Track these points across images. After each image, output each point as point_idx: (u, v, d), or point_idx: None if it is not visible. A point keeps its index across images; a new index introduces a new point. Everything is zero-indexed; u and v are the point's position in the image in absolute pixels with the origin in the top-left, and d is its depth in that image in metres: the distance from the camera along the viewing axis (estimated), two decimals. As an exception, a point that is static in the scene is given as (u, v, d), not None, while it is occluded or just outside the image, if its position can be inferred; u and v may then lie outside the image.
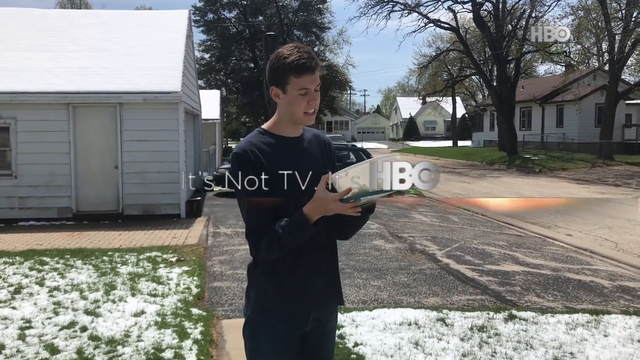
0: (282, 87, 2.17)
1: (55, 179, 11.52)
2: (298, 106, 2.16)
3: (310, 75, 2.14)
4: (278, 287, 2.22)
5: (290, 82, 2.14)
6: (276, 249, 2.10)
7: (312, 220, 2.05)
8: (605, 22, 26.94)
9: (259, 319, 2.25)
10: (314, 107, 2.19)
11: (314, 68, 2.14)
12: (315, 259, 2.25)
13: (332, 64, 50.87)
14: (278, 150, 2.19)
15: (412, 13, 33.78)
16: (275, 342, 2.23)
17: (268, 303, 2.23)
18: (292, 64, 2.12)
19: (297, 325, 2.26)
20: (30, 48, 12.83)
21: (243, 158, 2.14)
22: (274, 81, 2.18)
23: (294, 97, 2.16)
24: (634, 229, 11.37)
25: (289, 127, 2.25)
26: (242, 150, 2.16)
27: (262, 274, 2.23)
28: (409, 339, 4.84)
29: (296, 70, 2.12)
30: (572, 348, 4.70)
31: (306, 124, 2.25)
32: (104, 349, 4.65)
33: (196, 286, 6.52)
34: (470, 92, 61.69)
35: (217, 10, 48.67)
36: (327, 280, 2.32)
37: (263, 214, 2.12)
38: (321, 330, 2.36)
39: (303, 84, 2.14)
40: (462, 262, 7.98)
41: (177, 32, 13.98)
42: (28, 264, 7.54)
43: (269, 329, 2.23)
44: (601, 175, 23.17)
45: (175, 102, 11.70)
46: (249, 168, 2.12)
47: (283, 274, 2.21)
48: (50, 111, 11.46)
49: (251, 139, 2.21)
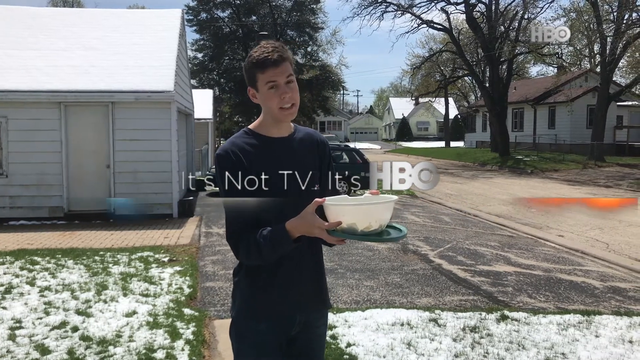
0: (254, 86, 2.17)
1: (46, 178, 11.45)
2: (271, 102, 2.13)
3: (275, 68, 2.10)
4: (260, 291, 2.19)
5: (258, 79, 2.13)
6: (255, 257, 2.08)
7: (293, 236, 2.01)
8: (597, 24, 27.10)
9: (242, 322, 2.23)
10: (289, 100, 2.13)
11: (277, 60, 2.09)
12: (299, 264, 2.21)
13: (326, 64, 50.84)
14: (262, 151, 2.16)
15: (406, 14, 33.88)
16: (259, 345, 2.21)
17: (251, 306, 2.21)
18: (254, 60, 2.12)
19: (282, 329, 2.24)
20: (21, 46, 12.74)
21: (224, 159, 2.12)
22: (248, 82, 2.18)
23: (266, 93, 2.13)
24: (625, 229, 11.43)
25: (274, 127, 2.21)
26: (224, 152, 2.14)
27: (246, 277, 2.22)
28: (402, 339, 4.84)
29: (258, 65, 2.11)
30: (563, 349, 4.71)
31: (285, 120, 2.19)
32: (95, 349, 4.62)
33: (188, 286, 6.49)
34: (462, 93, 61.88)
35: (210, 9, 48.56)
36: (311, 285, 2.28)
37: (244, 218, 2.11)
38: (310, 335, 2.32)
39: (269, 77, 2.10)
40: (455, 263, 8.00)
41: (170, 31, 13.93)
42: (19, 264, 7.49)
43: (252, 332, 2.21)
44: (592, 177, 23.30)
45: (168, 101, 11.66)
46: (230, 169, 2.10)
47: (265, 278, 2.18)
48: (41, 110, 11.40)
49: (235, 140, 2.18)
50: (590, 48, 32.18)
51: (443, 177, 25.03)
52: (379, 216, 1.94)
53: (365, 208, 1.94)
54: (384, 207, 1.96)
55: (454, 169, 30.12)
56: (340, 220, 1.91)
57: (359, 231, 1.92)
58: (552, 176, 24.64)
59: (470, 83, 57.86)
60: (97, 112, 11.66)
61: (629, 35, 26.45)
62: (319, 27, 49.83)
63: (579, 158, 29.31)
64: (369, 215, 1.91)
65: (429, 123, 78.35)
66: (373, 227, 1.93)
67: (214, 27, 48.49)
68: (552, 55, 33.57)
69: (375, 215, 1.92)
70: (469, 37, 36.49)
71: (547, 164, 28.28)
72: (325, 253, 2.42)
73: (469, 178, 24.40)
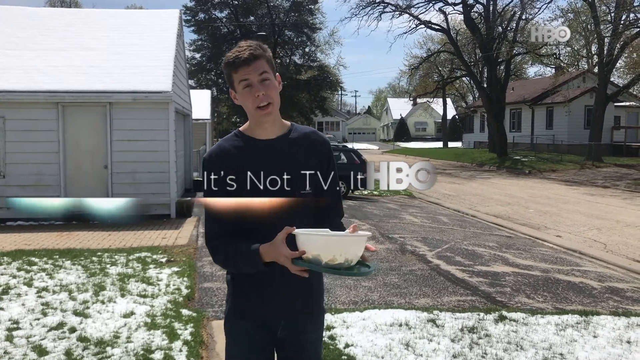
0: (233, 87, 2.14)
1: (44, 179, 11.43)
2: (247, 101, 2.10)
3: (247, 67, 2.06)
4: (245, 293, 2.22)
5: (233, 79, 2.11)
6: (230, 267, 2.16)
7: (264, 260, 2.01)
8: (595, 25, 27.13)
9: (232, 320, 2.27)
10: (263, 99, 2.08)
11: (248, 59, 2.06)
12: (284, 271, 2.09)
13: (324, 65, 50.88)
14: (246, 153, 2.13)
15: (403, 14, 33.90)
16: (246, 343, 2.24)
17: (239, 306, 2.24)
18: (227, 61, 2.10)
19: (267, 330, 2.24)
20: (18, 46, 12.72)
21: (208, 162, 2.13)
22: (228, 85, 2.17)
23: (242, 93, 2.11)
24: (622, 230, 11.45)
25: (259, 128, 2.16)
26: (208, 155, 2.15)
27: (233, 278, 2.26)
28: (400, 340, 4.83)
29: (230, 66, 2.09)
30: (561, 349, 4.71)
31: (263, 120, 2.13)
32: (93, 350, 4.61)
33: (186, 287, 6.48)
34: (460, 93, 61.93)
35: (208, 10, 48.54)
36: (297, 293, 2.22)
37: (223, 224, 2.11)
38: (299, 340, 2.29)
39: (241, 76, 2.08)
40: (453, 263, 8.00)
41: (168, 31, 13.92)
42: (16, 264, 7.47)
43: (240, 331, 2.25)
44: (590, 177, 23.33)
45: (166, 101, 11.64)
46: (213, 173, 2.10)
47: (250, 282, 2.19)
48: (39, 110, 11.38)
49: (223, 142, 2.19)
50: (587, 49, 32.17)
51: (441, 177, 25.04)
52: (345, 250, 1.89)
53: (331, 239, 1.91)
54: (352, 241, 1.92)
55: (451, 169, 30.14)
56: (304, 250, 1.89)
57: (323, 263, 1.88)
58: (550, 177, 24.67)
59: (468, 83, 57.91)
60: (95, 113, 11.64)
61: (627, 35, 26.49)
62: (317, 28, 49.86)
63: (576, 158, 29.35)
64: (334, 248, 1.88)
65: (427, 123, 78.40)
66: (338, 260, 1.89)
67: (212, 28, 48.49)
68: (549, 56, 33.65)
69: (341, 249, 1.89)
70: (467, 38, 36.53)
71: (545, 164, 28.32)
72: None
73: (466, 178, 24.41)
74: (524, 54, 35.20)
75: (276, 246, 1.96)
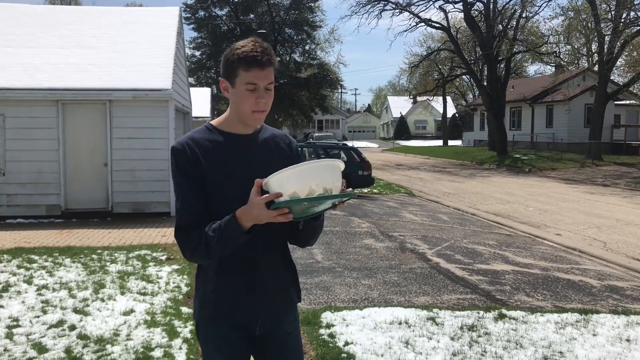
0: (231, 80, 2.03)
1: (44, 177, 11.43)
2: (246, 102, 2.02)
3: (260, 71, 1.99)
4: (218, 295, 2.10)
5: (238, 74, 2.00)
6: (202, 252, 1.97)
7: (244, 226, 1.90)
8: (595, 23, 27.11)
9: (204, 324, 2.17)
10: (263, 106, 2.03)
11: (264, 64, 1.99)
12: (257, 266, 2.10)
13: (324, 63, 50.86)
14: (222, 148, 2.07)
15: (404, 12, 33.87)
16: (222, 346, 2.14)
17: (210, 308, 2.12)
18: (241, 54, 1.98)
19: (244, 331, 2.17)
20: (17, 44, 12.71)
21: (179, 152, 2.03)
22: (224, 73, 2.05)
23: (242, 92, 2.01)
24: (622, 228, 11.45)
25: (240, 125, 2.11)
26: (179, 145, 2.04)
27: (204, 279, 2.13)
28: (400, 338, 4.84)
29: (245, 62, 1.98)
30: (561, 347, 4.72)
31: (253, 124, 2.11)
32: (92, 347, 4.62)
33: (186, 285, 6.49)
34: (460, 91, 61.92)
35: (208, 7, 48.51)
36: (273, 286, 2.16)
37: (194, 213, 2.01)
38: (280, 333, 2.23)
39: (251, 78, 1.99)
40: (452, 261, 8.00)
41: (168, 29, 13.91)
42: (16, 262, 7.48)
43: (215, 334, 2.15)
44: (590, 176, 23.33)
45: (166, 99, 11.64)
46: (183, 163, 2.02)
47: (221, 280, 2.09)
48: (39, 108, 11.37)
49: (193, 134, 2.09)
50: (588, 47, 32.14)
51: (441, 175, 25.05)
52: (321, 178, 1.81)
53: (302, 169, 1.80)
54: (324, 167, 1.83)
55: (451, 167, 30.14)
56: (280, 192, 1.80)
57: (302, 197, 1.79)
58: (550, 175, 24.67)
59: (468, 82, 57.90)
60: (95, 110, 11.64)
61: (627, 34, 26.47)
62: (317, 26, 49.83)
63: (576, 157, 29.35)
64: (308, 178, 1.79)
65: (427, 122, 78.39)
66: (316, 191, 1.80)
67: (212, 25, 48.46)
68: (549, 54, 33.61)
69: (316, 177, 1.80)
70: (467, 36, 36.52)
71: (545, 162, 28.32)
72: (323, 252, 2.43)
73: (466, 177, 24.41)
74: (524, 52, 35.17)
75: (251, 200, 1.87)
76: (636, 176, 22.46)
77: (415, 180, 22.29)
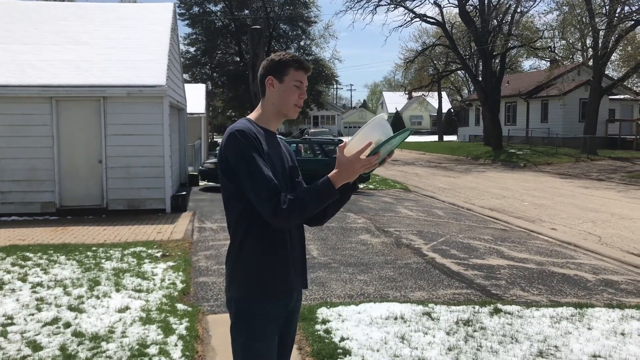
0: (279, 77, 2.35)
1: (38, 174, 11.38)
2: (292, 95, 2.35)
3: (306, 74, 2.38)
4: (264, 269, 2.27)
5: (289, 73, 2.34)
6: (297, 213, 2.15)
7: (336, 186, 2.18)
8: (590, 18, 27.15)
9: (251, 304, 2.29)
10: (301, 102, 2.39)
11: (309, 70, 2.39)
12: (292, 241, 2.35)
13: (319, 58, 50.75)
14: (267, 142, 2.31)
15: (398, 7, 33.88)
16: (268, 326, 2.29)
17: (258, 286, 2.28)
18: (294, 57, 2.37)
19: (285, 308, 2.35)
20: (11, 40, 12.64)
21: (248, 133, 2.22)
22: (272, 71, 2.36)
23: (290, 87, 2.34)
24: (617, 222, 11.49)
25: (273, 121, 2.41)
26: (245, 127, 2.25)
27: (252, 255, 2.27)
28: (395, 333, 4.84)
29: (297, 64, 2.35)
30: (556, 341, 4.73)
31: (291, 117, 2.41)
32: (87, 345, 4.60)
33: (181, 281, 6.47)
34: (455, 87, 61.95)
35: (202, 3, 48.29)
36: (301, 262, 2.43)
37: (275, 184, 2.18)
38: (295, 312, 2.47)
39: (300, 77, 2.36)
40: (448, 256, 8.01)
41: (162, 25, 13.85)
42: (10, 260, 7.44)
43: (260, 314, 2.28)
44: (585, 170, 23.40)
45: (160, 95, 11.59)
46: (252, 142, 2.21)
47: (267, 256, 2.27)
48: (32, 105, 11.31)
49: (246, 123, 2.30)
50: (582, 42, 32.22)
51: (436, 171, 25.08)
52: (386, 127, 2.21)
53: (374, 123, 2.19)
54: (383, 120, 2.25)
55: (447, 162, 30.17)
56: (370, 141, 2.15)
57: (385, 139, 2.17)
58: (545, 170, 24.73)
59: (463, 77, 57.94)
60: (89, 107, 11.58)
61: (621, 28, 26.52)
62: (312, 21, 49.73)
63: (571, 151, 29.42)
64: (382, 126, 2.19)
65: (422, 117, 78.40)
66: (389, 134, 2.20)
67: (206, 21, 48.26)
68: (544, 49, 33.65)
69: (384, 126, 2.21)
70: (462, 31, 36.54)
71: (540, 157, 28.38)
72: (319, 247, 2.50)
73: (462, 172, 24.44)
74: (519, 47, 35.22)
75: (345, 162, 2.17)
76: (631, 170, 22.54)
77: (411, 176, 22.30)
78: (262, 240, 2.26)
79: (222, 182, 2.29)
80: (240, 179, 2.19)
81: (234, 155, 2.19)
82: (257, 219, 2.23)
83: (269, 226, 2.23)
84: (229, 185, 2.25)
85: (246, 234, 2.27)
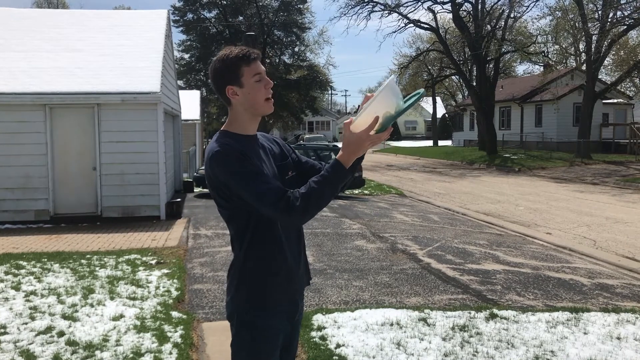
0: (236, 82, 2.17)
1: (32, 181, 11.33)
2: (259, 92, 2.18)
3: (258, 63, 2.19)
4: (270, 278, 2.20)
5: (243, 73, 2.16)
6: (313, 206, 2.03)
7: (347, 167, 2.07)
8: (583, 23, 27.29)
9: (254, 317, 2.21)
10: (270, 92, 2.22)
11: (259, 56, 2.21)
12: (295, 242, 2.30)
13: (313, 64, 50.86)
14: (247, 147, 2.18)
15: (392, 13, 33.98)
16: (271, 340, 2.23)
17: (262, 299, 2.21)
18: (238, 55, 2.17)
19: (289, 320, 2.30)
20: (5, 48, 12.61)
21: (230, 147, 2.11)
22: (227, 81, 2.18)
23: (252, 85, 2.17)
24: (612, 227, 11.51)
25: (250, 125, 2.25)
26: (223, 144, 2.13)
27: (256, 266, 2.20)
28: (391, 339, 4.82)
29: (243, 59, 2.16)
30: (552, 346, 4.72)
31: (267, 113, 2.25)
32: (81, 354, 4.56)
33: (176, 289, 6.44)
34: (450, 92, 62.13)
35: (196, 10, 48.36)
36: (303, 268, 2.36)
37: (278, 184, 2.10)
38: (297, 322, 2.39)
39: (255, 69, 2.17)
40: (443, 262, 8.00)
41: (156, 32, 13.85)
42: (3, 268, 7.39)
43: (265, 327, 2.21)
44: (579, 174, 23.46)
45: (155, 102, 11.57)
46: (240, 154, 2.09)
47: (272, 264, 2.21)
48: (26, 112, 11.28)
49: (223, 139, 2.18)
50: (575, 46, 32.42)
51: (431, 175, 25.10)
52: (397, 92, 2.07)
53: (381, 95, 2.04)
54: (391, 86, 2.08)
55: (442, 167, 30.21)
56: (377, 116, 2.03)
57: (394, 113, 2.07)
58: (540, 174, 24.79)
59: (457, 82, 58.10)
60: (83, 114, 11.55)
61: (614, 33, 26.66)
62: (306, 27, 49.84)
63: (565, 156, 29.51)
64: (389, 97, 2.05)
65: (417, 122, 78.54)
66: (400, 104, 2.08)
67: (201, 28, 48.31)
68: (538, 54, 33.82)
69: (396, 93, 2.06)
70: (456, 37, 36.65)
71: (535, 162, 28.46)
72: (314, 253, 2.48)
73: (457, 177, 24.47)
74: (512, 52, 35.35)
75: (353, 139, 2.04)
76: (625, 174, 22.62)
77: (406, 181, 22.32)
78: (265, 253, 2.20)
79: (218, 203, 2.21)
80: (242, 196, 2.10)
81: (227, 175, 2.08)
82: (259, 232, 2.17)
83: (272, 238, 2.19)
84: (227, 205, 2.18)
85: (250, 247, 2.20)
